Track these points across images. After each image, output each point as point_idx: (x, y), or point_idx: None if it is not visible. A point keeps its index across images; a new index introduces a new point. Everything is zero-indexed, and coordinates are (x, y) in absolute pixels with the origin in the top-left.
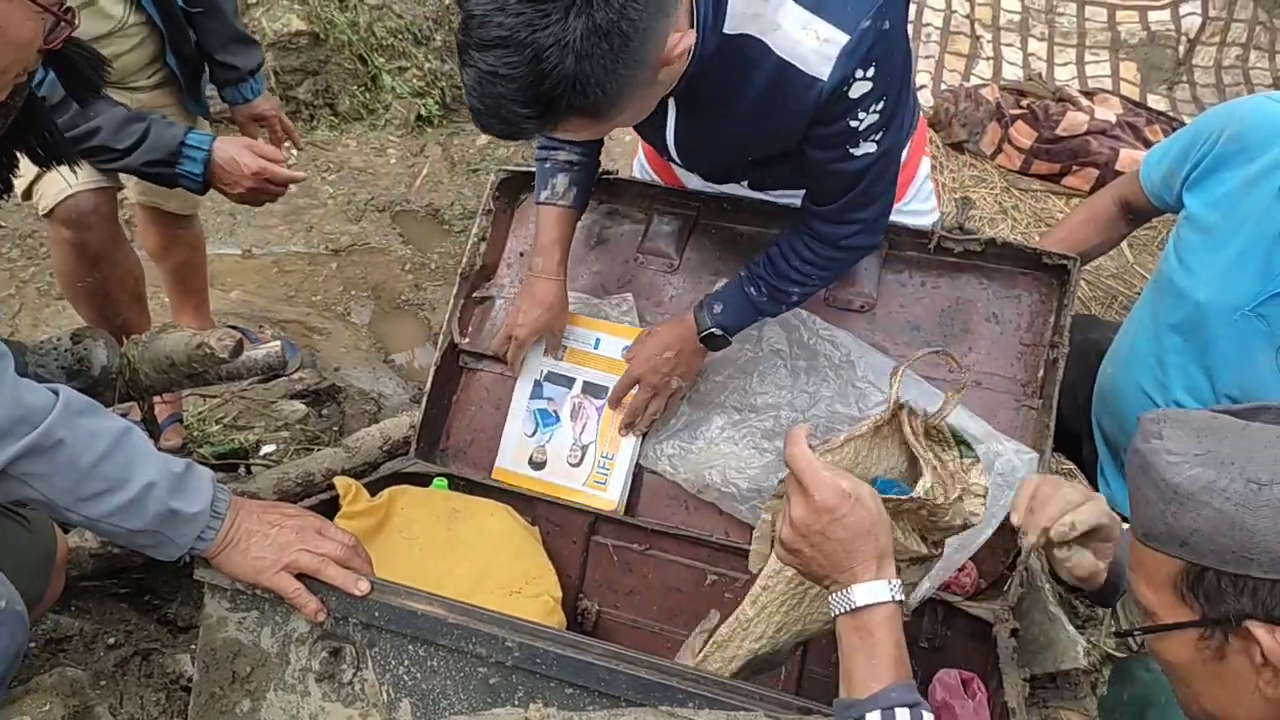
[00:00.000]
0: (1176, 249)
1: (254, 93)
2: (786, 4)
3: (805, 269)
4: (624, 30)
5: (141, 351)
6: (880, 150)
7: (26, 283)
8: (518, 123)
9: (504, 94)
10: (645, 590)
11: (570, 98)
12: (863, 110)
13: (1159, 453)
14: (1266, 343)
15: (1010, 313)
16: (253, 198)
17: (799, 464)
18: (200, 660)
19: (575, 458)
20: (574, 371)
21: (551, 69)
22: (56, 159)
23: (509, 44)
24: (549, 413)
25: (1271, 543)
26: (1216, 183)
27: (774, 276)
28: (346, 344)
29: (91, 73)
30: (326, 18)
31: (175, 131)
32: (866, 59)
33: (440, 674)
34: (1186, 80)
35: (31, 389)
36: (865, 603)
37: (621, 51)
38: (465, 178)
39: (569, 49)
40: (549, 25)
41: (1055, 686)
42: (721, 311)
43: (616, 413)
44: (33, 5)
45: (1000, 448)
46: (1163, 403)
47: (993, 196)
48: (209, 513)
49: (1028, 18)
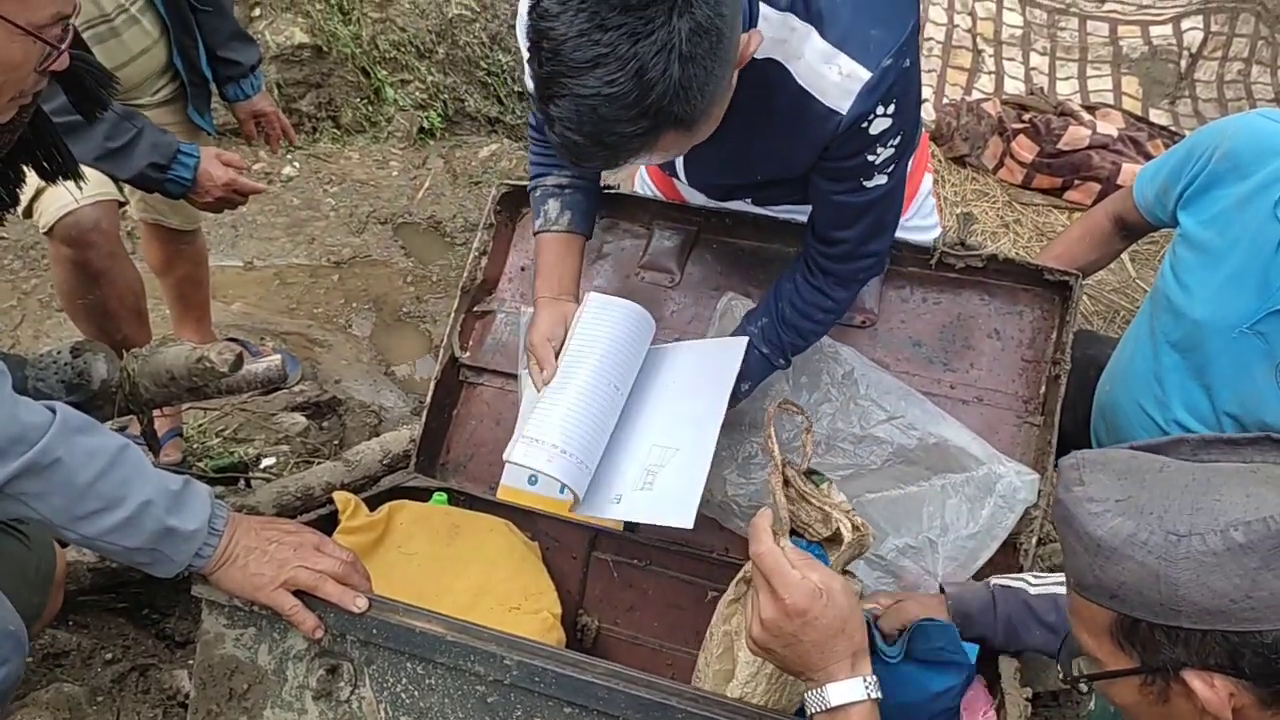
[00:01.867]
0: (1173, 267)
1: (254, 89)
2: (812, 36)
3: (826, 319)
4: (719, 26)
5: (141, 365)
6: (890, 183)
7: (28, 294)
8: (621, 145)
9: (607, 115)
10: (645, 606)
11: (675, 106)
12: (880, 145)
13: (1080, 502)
14: (1265, 360)
15: (1012, 329)
16: (218, 206)
17: (766, 563)
18: (197, 676)
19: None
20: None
21: (658, 78)
22: (63, 175)
23: (610, 60)
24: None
25: (1195, 595)
26: (1210, 201)
27: (797, 338)
28: (347, 356)
29: (99, 89)
30: (329, 30)
31: (170, 138)
32: (887, 96)
33: (438, 692)
34: (1189, 95)
35: (29, 407)
36: (840, 702)
37: (718, 48)
38: (467, 190)
39: (674, 53)
40: (654, 31)
41: (1058, 704)
42: (748, 389)
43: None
44: (15, 28)
45: (1001, 469)
46: (1162, 421)
47: (994, 210)
48: (206, 530)
49: (1030, 32)
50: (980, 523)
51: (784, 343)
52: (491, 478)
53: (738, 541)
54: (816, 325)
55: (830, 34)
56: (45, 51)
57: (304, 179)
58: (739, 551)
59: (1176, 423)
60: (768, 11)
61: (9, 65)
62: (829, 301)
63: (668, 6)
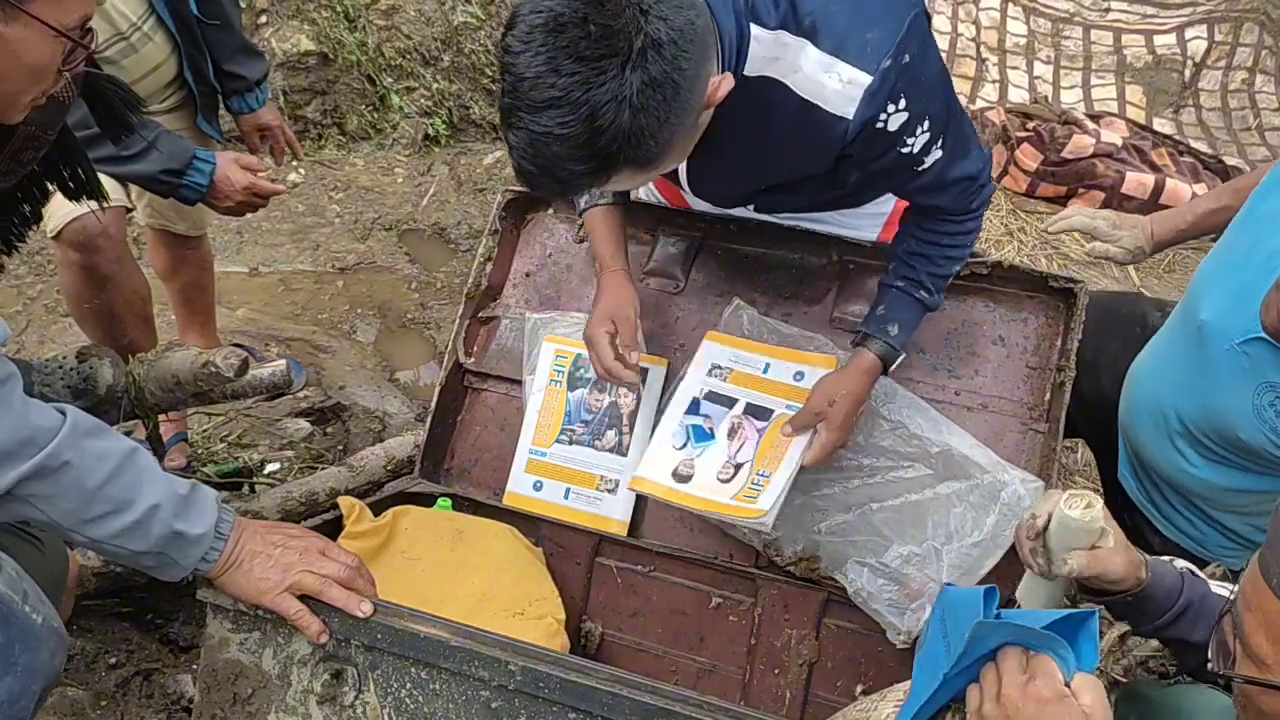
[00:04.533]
0: (1211, 256)
1: (259, 102)
2: (807, 48)
3: (961, 240)
4: (675, 80)
5: (147, 370)
6: (946, 155)
7: (34, 300)
8: (572, 180)
9: (558, 153)
10: (649, 612)
11: (625, 151)
12: (909, 136)
13: None
14: (1246, 380)
15: (1017, 335)
16: (239, 210)
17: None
18: (201, 681)
19: (727, 474)
20: (737, 393)
21: (608, 125)
22: (87, 193)
23: (564, 103)
24: (703, 429)
25: None
26: (1264, 205)
27: (935, 266)
28: (352, 362)
29: (127, 112)
30: (335, 38)
31: (186, 143)
32: (894, 94)
33: (442, 697)
34: (1192, 104)
35: (39, 410)
36: None
37: (674, 101)
38: (472, 197)
39: (625, 104)
40: (605, 82)
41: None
42: (899, 331)
43: (785, 436)
44: (49, 29)
45: (1006, 477)
46: (1161, 414)
47: (999, 218)
48: (213, 534)
49: (1034, 41)
50: (985, 531)
51: (921, 275)
52: (495, 483)
53: (740, 548)
54: (950, 250)
55: (826, 44)
56: (68, 51)
57: (309, 185)
58: (742, 559)
59: (1164, 415)
60: (759, 32)
61: (38, 66)
62: (955, 226)
63: (620, 60)
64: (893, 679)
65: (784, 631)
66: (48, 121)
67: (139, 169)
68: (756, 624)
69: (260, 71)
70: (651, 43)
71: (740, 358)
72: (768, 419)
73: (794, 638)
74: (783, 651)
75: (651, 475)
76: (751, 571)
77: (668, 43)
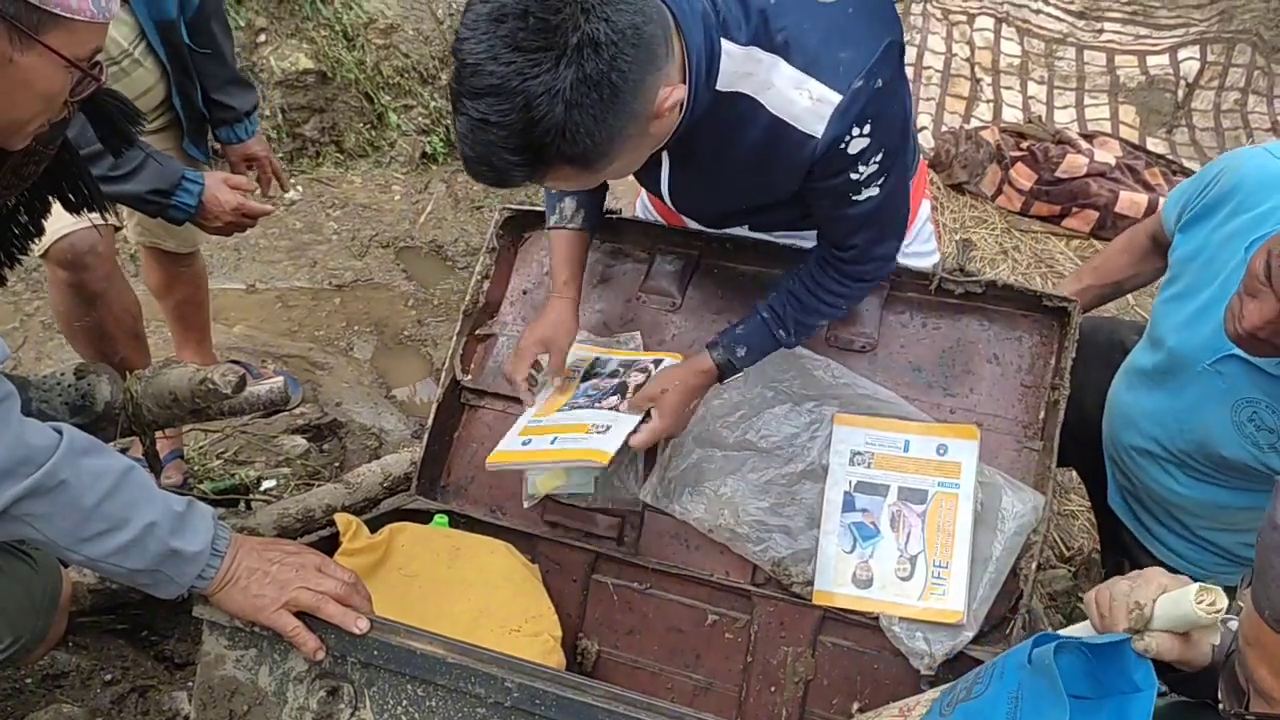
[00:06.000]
0: (1164, 287)
1: (248, 134)
2: (780, 64)
3: (835, 300)
4: (614, 81)
5: (144, 387)
6: (882, 195)
7: (31, 316)
8: (507, 170)
9: (494, 141)
10: (645, 630)
11: (559, 146)
12: (862, 164)
13: None
14: (1222, 400)
15: (1011, 354)
16: (228, 230)
17: None
18: (197, 698)
19: (905, 571)
20: (886, 478)
21: (541, 117)
22: (88, 206)
23: (500, 92)
24: (866, 525)
25: None
26: (1203, 229)
27: (802, 313)
28: (348, 379)
29: (128, 125)
30: (334, 56)
31: (174, 164)
32: (861, 116)
33: (438, 714)
34: (1185, 124)
35: (35, 429)
36: None
37: (611, 102)
38: (469, 215)
39: (559, 97)
40: (540, 74)
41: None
42: (745, 354)
43: (620, 412)
44: (61, 60)
45: (1006, 493)
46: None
47: (993, 237)
48: (209, 551)
49: (1027, 61)
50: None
51: (787, 314)
52: (492, 500)
53: (738, 565)
54: (823, 305)
55: (797, 60)
56: (77, 81)
57: (306, 203)
58: (739, 576)
59: (1145, 442)
60: (730, 48)
61: (49, 95)
62: (839, 287)
63: (555, 55)
64: (888, 697)
65: (780, 649)
66: (48, 137)
67: (127, 189)
68: (753, 641)
69: (250, 103)
70: (589, 40)
71: (878, 439)
72: (925, 501)
73: (790, 655)
74: (779, 669)
75: (835, 588)
76: (748, 589)
77: (606, 43)
